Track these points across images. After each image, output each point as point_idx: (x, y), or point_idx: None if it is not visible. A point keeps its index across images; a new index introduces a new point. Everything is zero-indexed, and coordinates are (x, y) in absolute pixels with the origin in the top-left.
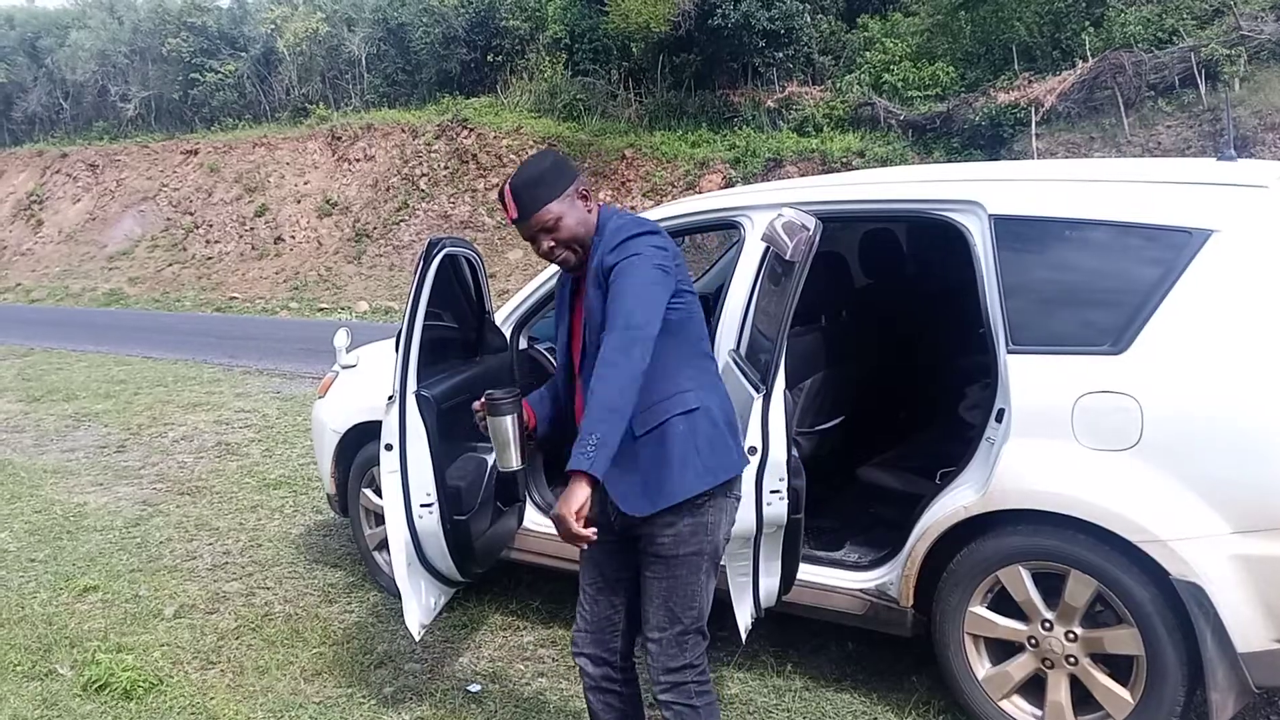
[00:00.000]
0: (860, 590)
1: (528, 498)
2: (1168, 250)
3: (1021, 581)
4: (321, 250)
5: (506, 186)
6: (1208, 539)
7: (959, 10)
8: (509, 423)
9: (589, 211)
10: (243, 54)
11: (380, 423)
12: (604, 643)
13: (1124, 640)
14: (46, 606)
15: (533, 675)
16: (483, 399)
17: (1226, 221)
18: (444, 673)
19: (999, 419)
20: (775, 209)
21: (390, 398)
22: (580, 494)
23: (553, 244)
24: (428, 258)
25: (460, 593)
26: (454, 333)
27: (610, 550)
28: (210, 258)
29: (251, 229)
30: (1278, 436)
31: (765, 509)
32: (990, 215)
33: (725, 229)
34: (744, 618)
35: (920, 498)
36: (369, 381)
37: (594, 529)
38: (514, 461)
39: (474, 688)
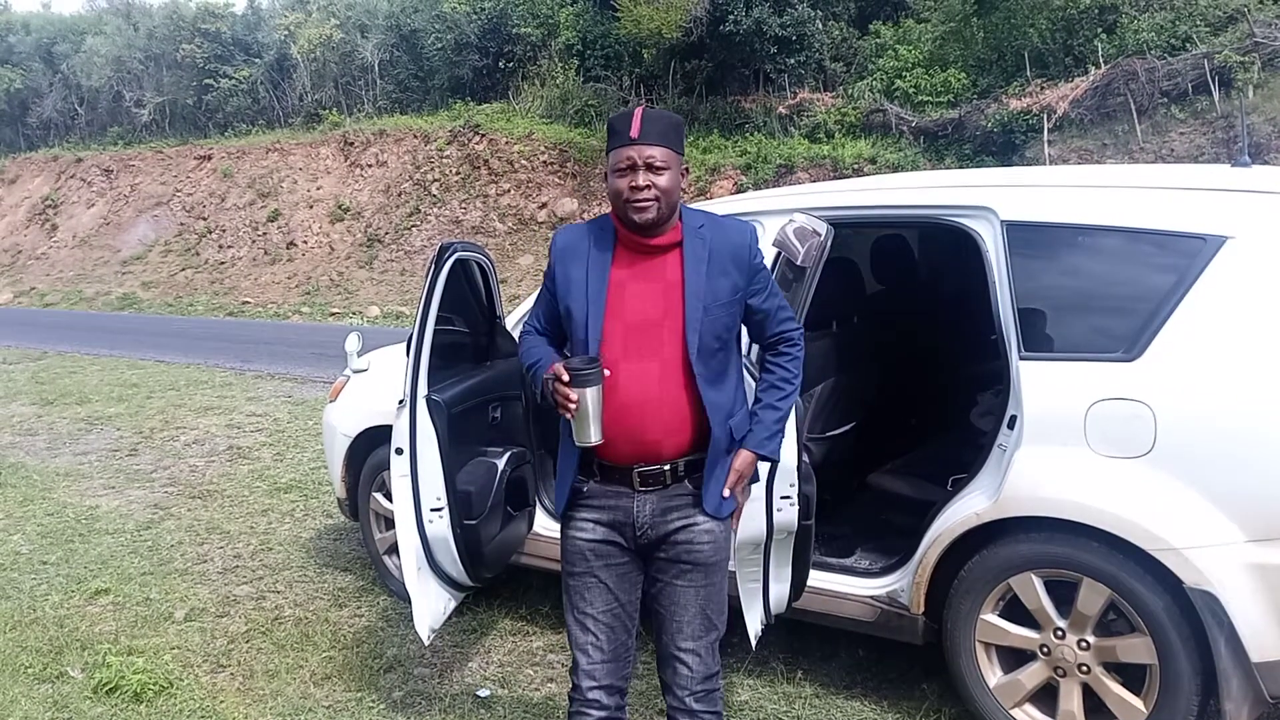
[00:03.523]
0: (871, 597)
1: (537, 502)
2: (1181, 257)
3: (1034, 589)
4: (333, 255)
5: (638, 108)
6: (1222, 547)
7: (971, 17)
8: (594, 395)
9: (681, 189)
10: (256, 60)
11: (391, 427)
12: (619, 671)
13: (1137, 649)
14: (58, 609)
15: (542, 680)
16: (559, 369)
17: (1241, 228)
18: (453, 677)
19: (1011, 425)
20: (786, 214)
21: (401, 402)
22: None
23: (649, 184)
24: (439, 262)
25: (470, 597)
26: (465, 337)
27: (623, 573)
28: (223, 262)
29: (264, 234)
30: None
31: (776, 515)
32: (1002, 221)
33: None
34: (754, 624)
35: (932, 504)
36: (380, 386)
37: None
38: (595, 435)
39: (483, 692)
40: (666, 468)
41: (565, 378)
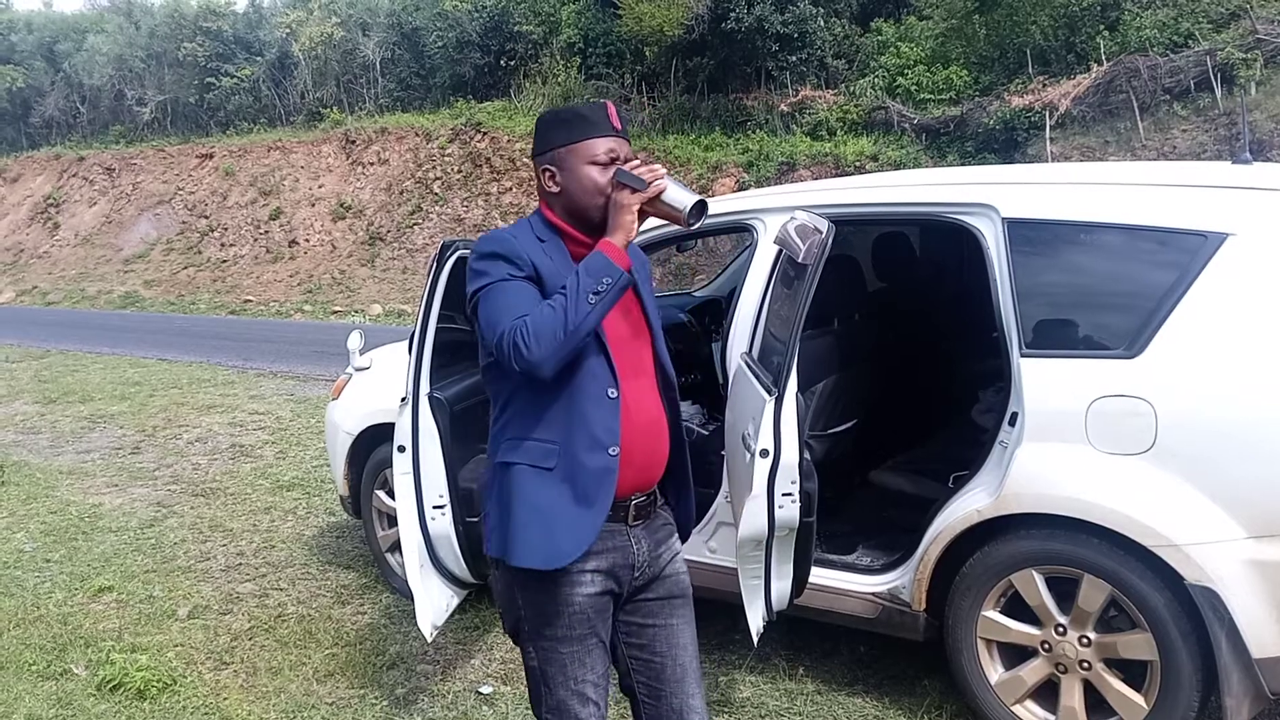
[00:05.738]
0: (873, 594)
1: None
2: (1182, 254)
3: (1035, 586)
4: (335, 253)
5: (606, 101)
6: (1223, 544)
7: (973, 14)
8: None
9: None
10: (258, 58)
11: (393, 425)
12: None
13: (1138, 645)
14: (62, 607)
15: None
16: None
17: (1242, 225)
18: (456, 674)
19: (1012, 423)
20: (788, 212)
21: (403, 400)
22: None
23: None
24: (441, 260)
25: (472, 594)
26: (467, 335)
27: (609, 626)
28: (225, 261)
29: (266, 232)
30: None
31: (777, 512)
32: (1004, 218)
33: (738, 232)
34: (756, 621)
35: (933, 501)
36: (382, 384)
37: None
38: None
39: (485, 689)
40: (655, 495)
41: (636, 160)
